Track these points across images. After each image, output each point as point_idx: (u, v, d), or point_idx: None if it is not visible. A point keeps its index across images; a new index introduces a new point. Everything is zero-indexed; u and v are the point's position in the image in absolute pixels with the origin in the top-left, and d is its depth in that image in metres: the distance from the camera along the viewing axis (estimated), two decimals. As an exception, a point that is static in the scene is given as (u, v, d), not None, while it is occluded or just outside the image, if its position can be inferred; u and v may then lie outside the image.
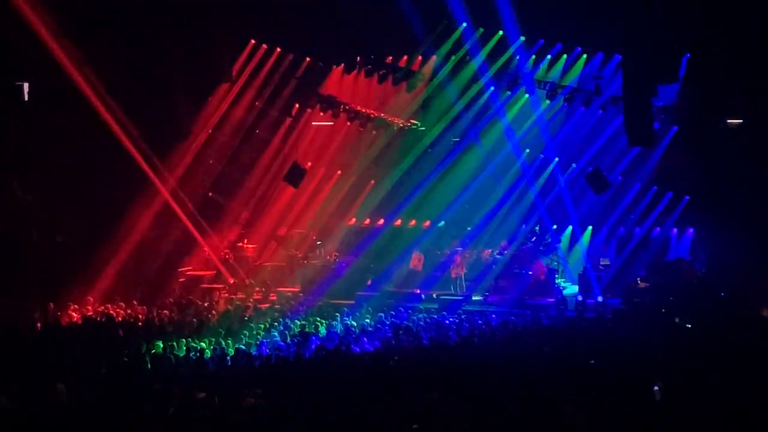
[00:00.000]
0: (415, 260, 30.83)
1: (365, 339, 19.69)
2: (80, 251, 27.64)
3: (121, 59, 26.96)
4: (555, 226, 31.54)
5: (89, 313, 23.61)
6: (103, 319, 22.43)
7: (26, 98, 27.68)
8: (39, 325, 21.48)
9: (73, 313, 23.47)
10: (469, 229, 32.92)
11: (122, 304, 24.95)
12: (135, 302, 25.46)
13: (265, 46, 31.90)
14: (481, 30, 30.07)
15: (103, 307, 24.52)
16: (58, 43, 25.29)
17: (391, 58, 31.44)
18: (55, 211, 27.66)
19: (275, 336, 20.27)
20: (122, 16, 26.71)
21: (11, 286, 24.99)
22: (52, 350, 17.95)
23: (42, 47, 25.13)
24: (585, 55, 30.72)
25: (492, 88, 30.41)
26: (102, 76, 26.40)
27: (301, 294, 28.54)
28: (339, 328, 21.76)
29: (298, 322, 21.95)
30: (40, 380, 14.45)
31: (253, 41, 31.80)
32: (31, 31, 24.67)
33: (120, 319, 22.85)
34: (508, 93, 30.30)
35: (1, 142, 26.96)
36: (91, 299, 25.26)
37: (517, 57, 30.41)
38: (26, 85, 27.68)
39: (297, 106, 33.15)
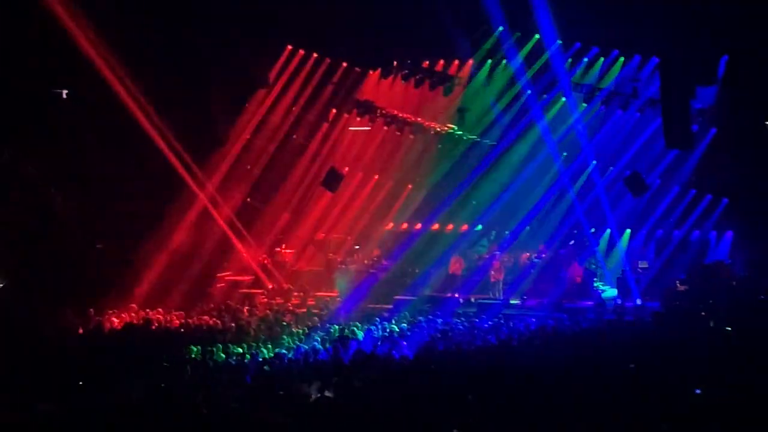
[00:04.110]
0: (455, 264, 30.85)
1: (404, 343, 19.71)
2: (120, 258, 27.88)
3: (159, 67, 27.14)
4: (593, 230, 31.45)
5: (129, 320, 23.78)
6: (143, 326, 22.58)
7: (64, 106, 27.94)
8: (80, 331, 21.68)
9: (114, 319, 23.65)
10: (507, 233, 32.89)
11: (161, 310, 25.11)
12: (174, 308, 25.64)
13: (301, 51, 32.08)
14: (518, 34, 30.06)
15: (143, 314, 24.67)
16: (96, 51, 25.51)
17: (427, 62, 31.46)
18: (95, 219, 27.90)
19: (314, 341, 20.34)
20: (159, 23, 26.92)
21: (53, 293, 25.26)
22: (92, 356, 18.10)
23: (80, 55, 25.38)
24: (622, 58, 30.61)
25: (529, 92, 30.39)
26: (140, 84, 26.62)
27: (340, 298, 28.61)
28: (377, 332, 21.78)
29: (337, 327, 22.01)
30: (81, 386, 14.64)
31: (289, 47, 31.98)
32: (69, 39, 24.92)
33: (159, 325, 23.01)
34: (545, 96, 30.24)
35: (40, 151, 27.24)
36: (135, 306, 25.44)
37: (554, 60, 30.37)
38: (65, 93, 27.96)
39: (334, 111, 33.29)
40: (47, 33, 24.83)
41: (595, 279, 30.05)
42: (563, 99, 30.27)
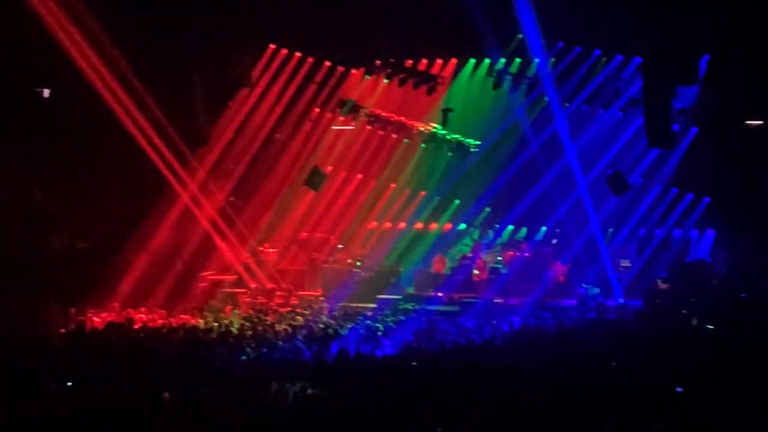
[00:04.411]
0: (438, 263, 30.88)
1: (387, 342, 19.74)
2: (102, 257, 27.79)
3: (142, 65, 27.08)
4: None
5: (111, 319, 23.70)
6: (126, 325, 22.52)
7: (46, 103, 27.84)
8: (62, 330, 21.62)
9: (96, 319, 23.58)
10: (490, 231, 32.94)
11: (144, 309, 25.06)
12: (156, 307, 25.59)
13: (284, 50, 32.06)
14: (501, 33, 30.09)
15: (125, 313, 24.61)
16: (78, 48, 25.45)
17: (411, 61, 31.48)
18: (77, 217, 27.81)
19: (297, 340, 20.33)
20: (142, 22, 26.87)
21: (33, 292, 25.16)
22: (75, 355, 18.04)
23: (62, 53, 25.29)
24: (604, 58, 30.68)
25: (512, 91, 30.42)
26: (122, 82, 26.56)
27: (323, 298, 28.61)
28: (361, 331, 21.80)
29: (320, 326, 22.01)
30: (63, 386, 14.60)
31: (272, 46, 31.96)
32: (51, 36, 24.84)
33: (142, 324, 22.97)
34: (528, 96, 30.28)
35: (21, 148, 27.13)
36: (117, 305, 25.35)
37: (537, 60, 30.46)
38: (46, 91, 27.85)
39: (317, 110, 33.27)
40: (29, 30, 24.75)
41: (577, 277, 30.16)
42: (546, 98, 30.31)
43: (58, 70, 26.65)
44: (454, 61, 31.43)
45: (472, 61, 31.42)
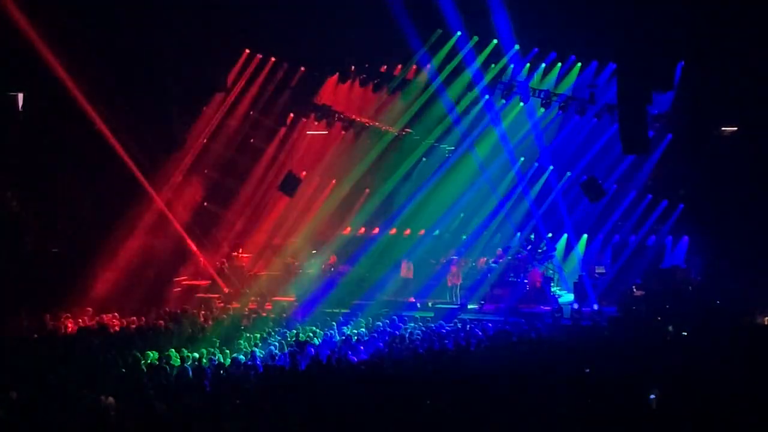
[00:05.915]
0: (405, 269, 30.77)
1: (361, 348, 19.66)
2: (75, 262, 27.60)
3: (116, 70, 26.92)
4: (550, 234, 31.55)
5: (84, 324, 23.51)
6: (99, 330, 22.33)
7: (21, 109, 27.64)
8: (34, 335, 21.43)
9: (69, 324, 23.38)
10: (464, 237, 32.94)
11: (117, 314, 24.86)
12: (130, 312, 25.39)
13: (259, 55, 31.93)
14: (476, 38, 30.12)
15: (98, 318, 24.40)
16: (53, 53, 25.25)
17: (385, 67, 31.43)
18: (50, 221, 27.62)
19: (271, 345, 20.23)
20: (117, 26, 26.73)
21: (6, 296, 24.96)
22: (47, 360, 17.89)
23: (36, 58, 25.09)
24: (579, 64, 30.75)
25: (487, 97, 30.41)
26: (97, 87, 26.37)
27: (297, 303, 28.49)
28: (335, 337, 21.71)
29: (294, 332, 21.91)
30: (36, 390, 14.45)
31: (247, 51, 31.82)
32: (25, 41, 24.63)
33: (116, 329, 22.79)
34: (503, 101, 30.31)
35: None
36: (90, 310, 25.14)
37: (512, 65, 30.47)
38: (21, 96, 27.66)
39: (291, 115, 33.19)
40: (2, 36, 24.56)
41: (552, 284, 30.14)
42: (521, 104, 30.34)
43: (32, 76, 26.49)
44: (428, 66, 31.33)
45: (448, 66, 31.31)
